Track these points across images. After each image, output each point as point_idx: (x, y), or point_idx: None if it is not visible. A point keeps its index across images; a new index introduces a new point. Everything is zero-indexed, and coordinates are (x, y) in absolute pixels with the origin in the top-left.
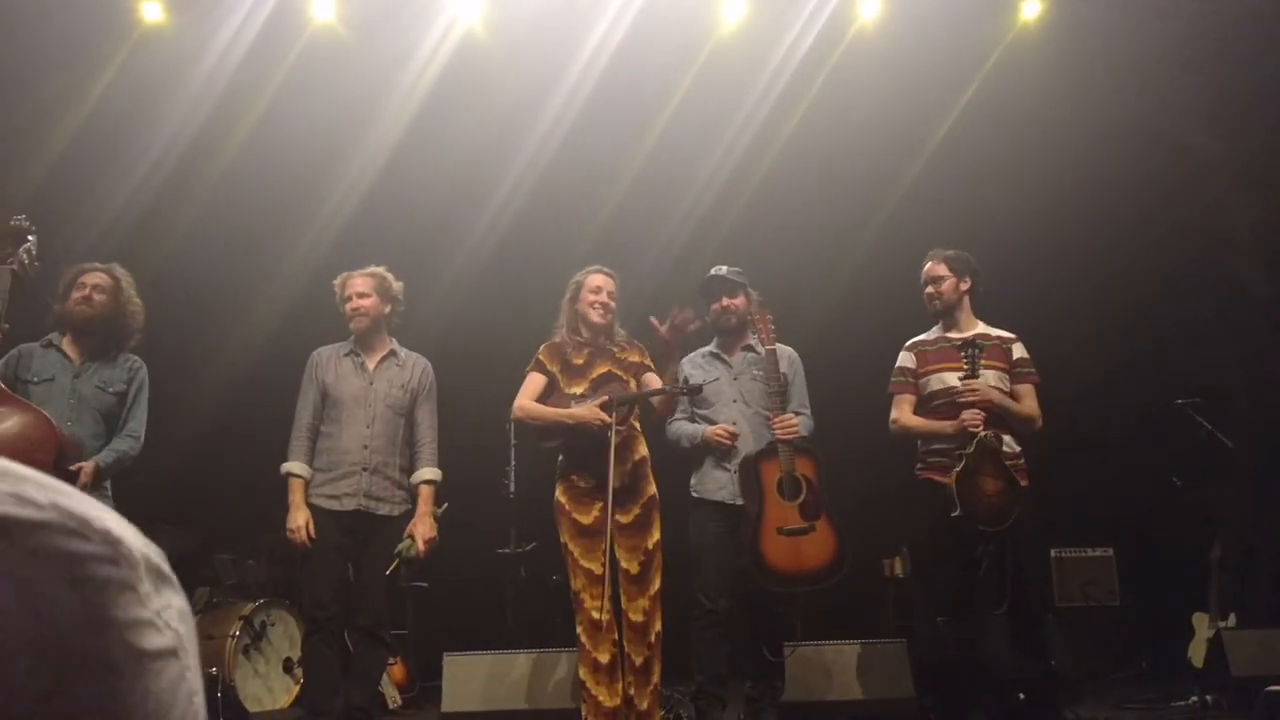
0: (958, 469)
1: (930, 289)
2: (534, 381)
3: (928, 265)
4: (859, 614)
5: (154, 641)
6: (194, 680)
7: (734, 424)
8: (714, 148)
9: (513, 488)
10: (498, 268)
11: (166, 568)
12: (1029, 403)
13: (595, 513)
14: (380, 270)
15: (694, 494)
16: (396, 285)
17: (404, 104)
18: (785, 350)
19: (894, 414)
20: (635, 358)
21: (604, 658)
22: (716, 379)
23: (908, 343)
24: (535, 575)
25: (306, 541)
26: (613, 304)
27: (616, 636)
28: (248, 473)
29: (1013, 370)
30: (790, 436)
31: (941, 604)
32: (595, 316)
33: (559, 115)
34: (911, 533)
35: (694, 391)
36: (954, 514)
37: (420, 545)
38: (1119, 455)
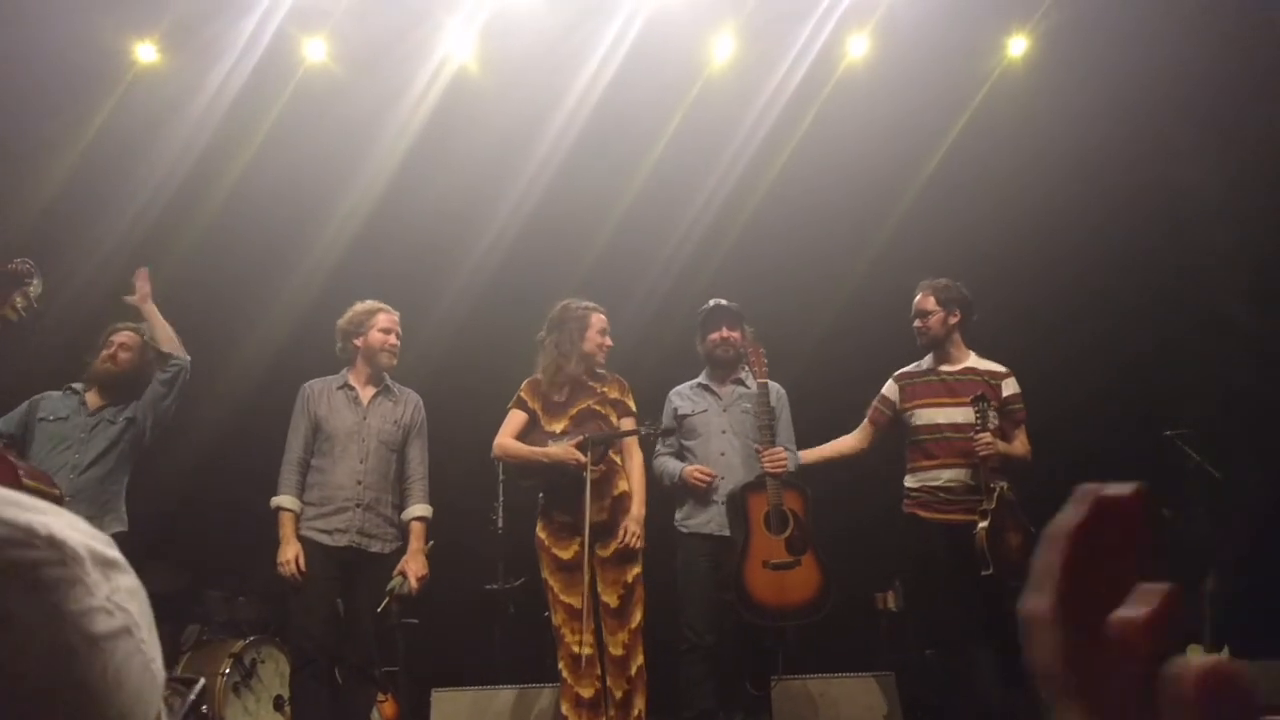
0: (985, 525)
1: (918, 322)
2: (514, 419)
3: (917, 297)
4: (851, 647)
5: (106, 625)
6: (149, 650)
7: (722, 454)
8: (704, 183)
9: (500, 523)
10: (488, 303)
11: (113, 553)
12: (1021, 440)
13: (575, 548)
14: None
15: (681, 528)
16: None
17: (396, 141)
18: (774, 386)
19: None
20: (615, 393)
21: (586, 692)
22: (705, 410)
23: (896, 373)
24: (524, 611)
25: (296, 575)
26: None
27: (599, 671)
28: (237, 510)
29: (1003, 408)
30: (779, 470)
31: (936, 638)
32: (601, 357)
33: (550, 151)
34: (905, 566)
35: (667, 434)
36: (985, 573)
37: (413, 582)
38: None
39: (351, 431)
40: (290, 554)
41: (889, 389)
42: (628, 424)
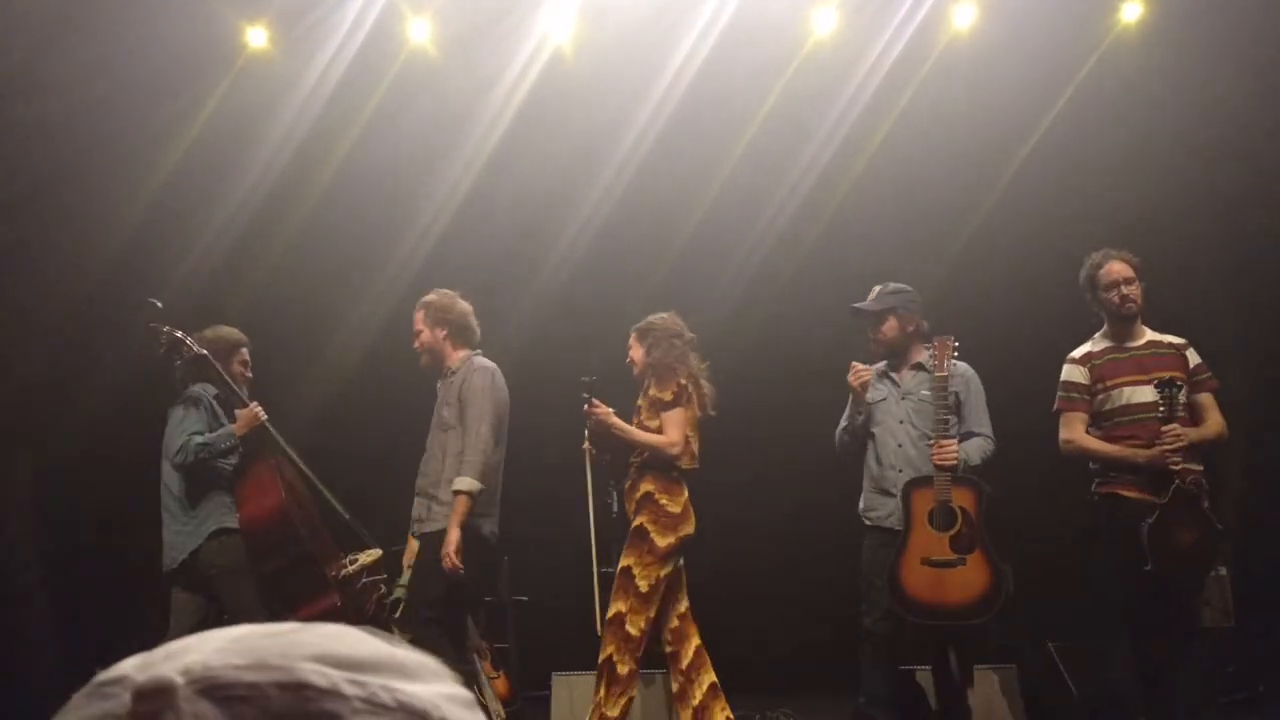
0: (1151, 520)
1: (1125, 289)
2: None
3: (1113, 265)
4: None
5: None
6: None
7: (899, 445)
8: (800, 160)
9: (615, 507)
10: (582, 284)
11: None
12: (1213, 415)
13: None
14: (426, 299)
15: (864, 519)
16: (441, 302)
17: (494, 124)
18: (960, 368)
19: (1065, 434)
20: (653, 391)
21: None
22: (885, 399)
23: (1075, 355)
24: None
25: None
26: (631, 357)
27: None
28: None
29: (1191, 379)
30: (947, 463)
31: (1105, 621)
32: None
33: (645, 130)
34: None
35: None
36: (1145, 568)
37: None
38: (1230, 474)
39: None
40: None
41: (1075, 374)
42: (668, 417)
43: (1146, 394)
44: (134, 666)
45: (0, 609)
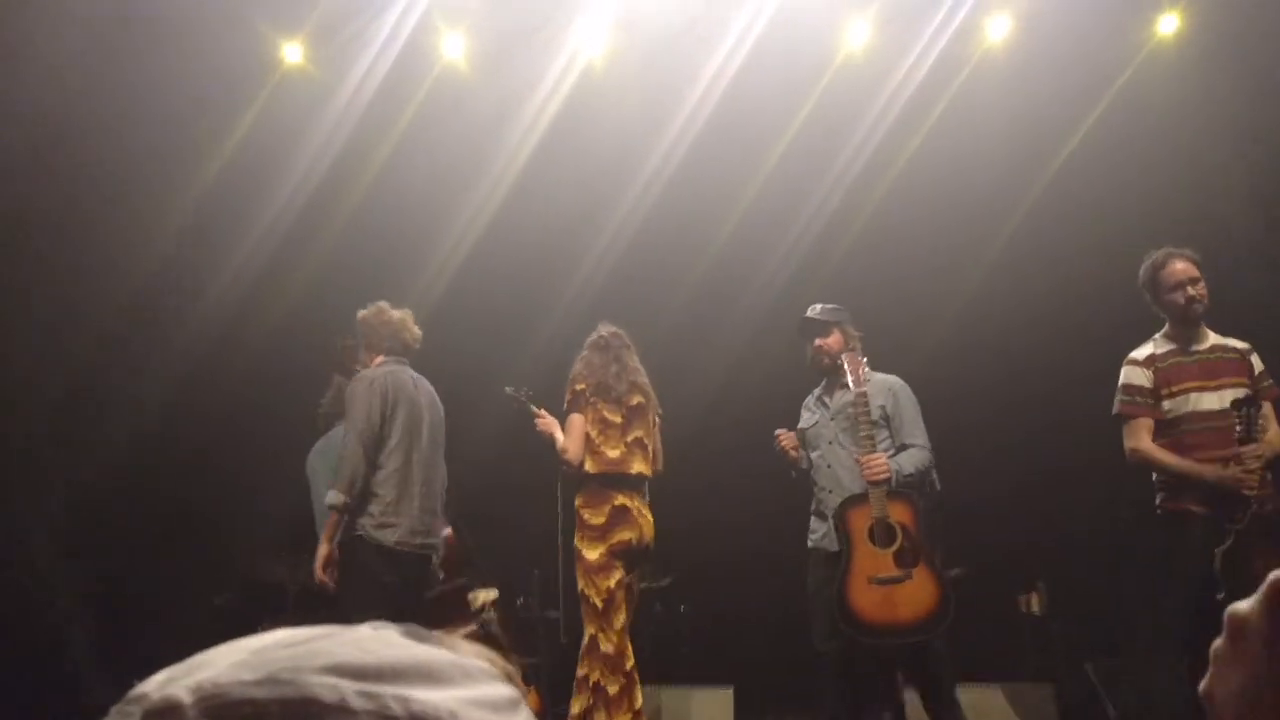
0: (1225, 546)
1: (1191, 290)
2: None
3: (1176, 264)
4: (995, 653)
5: None
6: None
7: (829, 466)
8: (830, 173)
9: None
10: (610, 298)
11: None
12: (1275, 425)
13: None
14: (360, 314)
15: (808, 542)
16: (360, 316)
17: (525, 138)
18: (886, 382)
19: (1131, 442)
20: None
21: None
22: (817, 422)
23: (1136, 357)
24: (670, 609)
25: None
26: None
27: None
28: None
29: (1257, 386)
30: (877, 478)
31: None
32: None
33: (674, 145)
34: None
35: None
36: (1219, 596)
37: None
38: None
39: None
40: None
41: (1139, 376)
42: (569, 420)
43: (1214, 401)
44: (157, 684)
45: (38, 623)
